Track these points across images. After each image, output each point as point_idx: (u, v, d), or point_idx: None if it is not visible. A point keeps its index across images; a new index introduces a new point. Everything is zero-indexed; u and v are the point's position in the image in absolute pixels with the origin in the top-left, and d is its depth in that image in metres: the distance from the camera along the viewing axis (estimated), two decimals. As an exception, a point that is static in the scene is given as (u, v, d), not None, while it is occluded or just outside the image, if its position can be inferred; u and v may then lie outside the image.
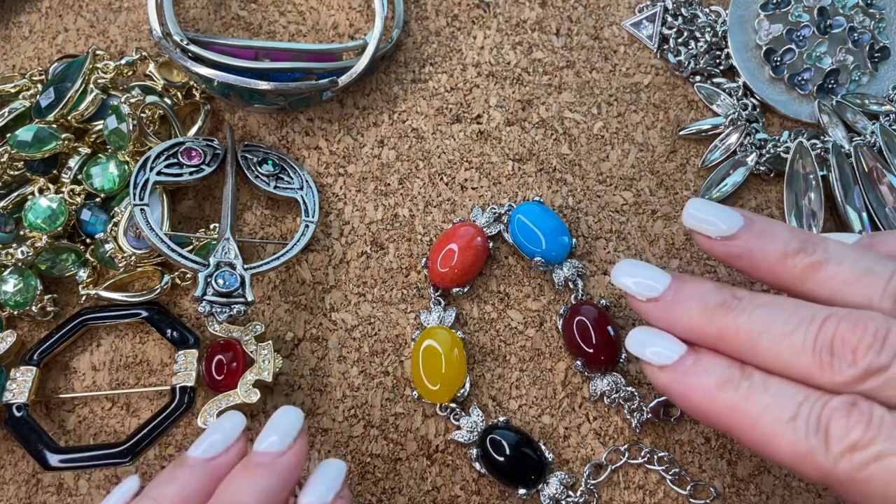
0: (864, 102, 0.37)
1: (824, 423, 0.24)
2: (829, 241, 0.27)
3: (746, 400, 0.25)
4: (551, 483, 0.31)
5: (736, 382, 0.26)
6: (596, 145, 0.37)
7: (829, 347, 0.25)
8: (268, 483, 0.26)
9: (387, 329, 0.34)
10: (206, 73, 0.34)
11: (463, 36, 0.39)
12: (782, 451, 0.24)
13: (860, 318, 0.25)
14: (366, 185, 0.37)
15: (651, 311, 0.28)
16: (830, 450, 0.23)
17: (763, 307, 0.26)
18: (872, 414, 0.23)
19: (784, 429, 0.24)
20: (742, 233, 0.28)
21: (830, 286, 0.26)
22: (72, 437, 0.33)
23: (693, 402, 0.26)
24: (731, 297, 0.27)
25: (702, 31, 0.39)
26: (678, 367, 0.27)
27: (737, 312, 0.26)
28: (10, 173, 0.35)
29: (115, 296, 0.34)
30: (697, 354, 0.27)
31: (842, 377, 0.24)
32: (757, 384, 0.25)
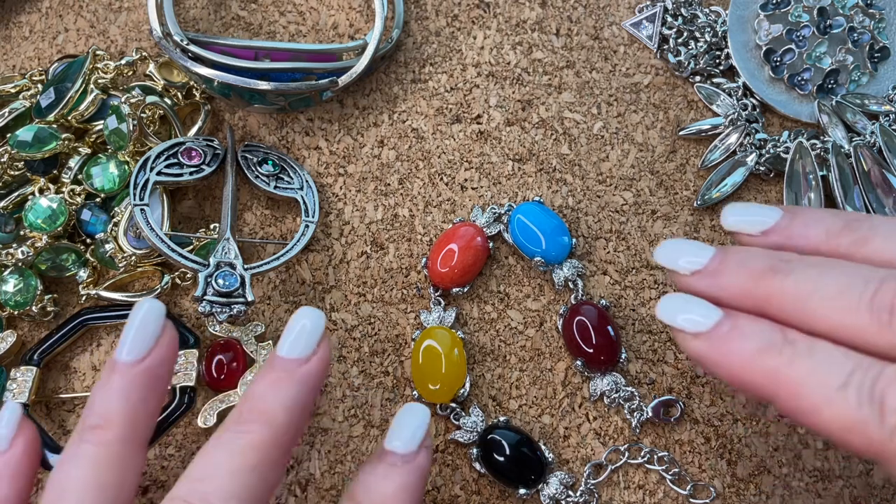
0: (863, 102, 0.37)
1: (879, 393, 0.22)
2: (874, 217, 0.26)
3: (790, 366, 0.23)
4: (551, 483, 0.31)
5: (778, 347, 0.24)
6: (596, 145, 0.37)
7: (890, 307, 0.23)
8: (295, 392, 0.25)
9: (387, 329, 0.34)
10: (206, 73, 0.34)
11: (463, 36, 0.39)
12: (828, 422, 0.23)
13: None
14: (366, 185, 0.37)
15: (695, 282, 0.27)
16: (886, 421, 0.22)
17: (814, 267, 0.25)
18: None
19: (832, 397, 0.22)
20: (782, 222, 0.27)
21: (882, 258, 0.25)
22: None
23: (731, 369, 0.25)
24: (779, 260, 0.25)
25: (702, 31, 0.39)
26: (714, 334, 0.25)
27: (784, 274, 0.25)
28: (10, 173, 0.35)
29: (116, 296, 0.34)
30: (735, 319, 0.25)
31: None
32: (801, 349, 0.24)
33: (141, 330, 0.26)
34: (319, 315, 0.26)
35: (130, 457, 0.25)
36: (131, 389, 0.25)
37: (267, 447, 0.24)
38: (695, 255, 0.27)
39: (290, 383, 0.25)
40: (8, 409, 0.27)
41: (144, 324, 0.26)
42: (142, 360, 0.25)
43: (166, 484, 0.32)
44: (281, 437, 0.25)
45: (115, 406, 0.25)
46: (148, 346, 0.25)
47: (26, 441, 0.27)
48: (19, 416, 0.27)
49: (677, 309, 0.26)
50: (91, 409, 0.25)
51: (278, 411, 0.25)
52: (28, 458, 0.26)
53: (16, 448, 0.26)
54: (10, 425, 0.27)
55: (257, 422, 0.25)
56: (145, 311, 0.26)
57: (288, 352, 0.26)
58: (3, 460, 0.26)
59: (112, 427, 0.25)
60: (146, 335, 0.26)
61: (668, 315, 0.26)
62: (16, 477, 0.26)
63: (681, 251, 0.27)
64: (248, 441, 0.24)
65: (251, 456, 0.24)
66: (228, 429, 0.25)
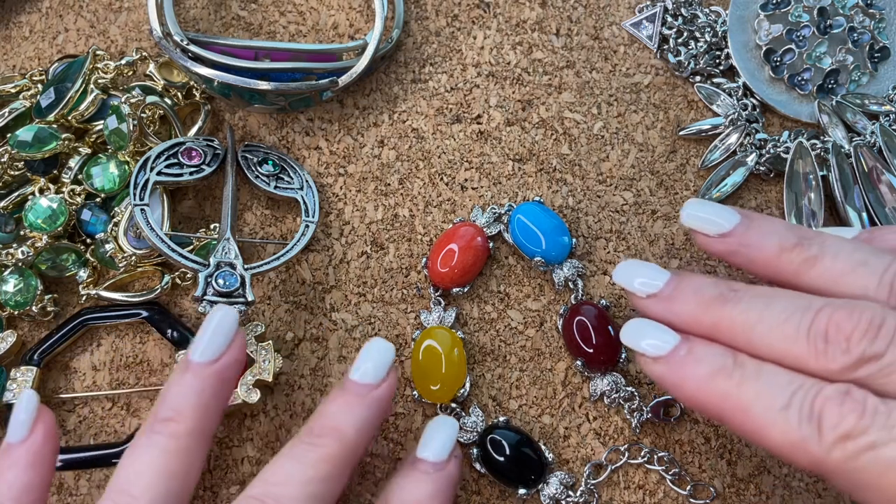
0: (863, 102, 0.37)
1: (817, 412, 0.24)
2: (825, 236, 0.28)
3: (739, 388, 0.25)
4: (551, 483, 0.31)
5: (729, 371, 0.26)
6: (596, 145, 0.37)
7: (824, 335, 0.25)
8: (365, 414, 0.27)
9: (387, 329, 0.34)
10: (206, 73, 0.34)
11: (463, 36, 0.39)
12: (775, 440, 0.24)
13: (855, 307, 0.25)
14: (366, 185, 0.37)
15: (650, 305, 0.28)
16: (823, 438, 0.23)
17: (759, 297, 0.27)
18: (866, 403, 0.23)
19: (776, 417, 0.24)
20: (739, 229, 0.28)
21: (827, 278, 0.27)
22: (72, 437, 0.33)
23: (686, 391, 0.27)
24: (728, 289, 0.27)
25: (702, 31, 0.39)
26: (672, 358, 0.27)
27: (733, 303, 0.27)
28: (10, 173, 0.35)
29: (116, 296, 0.34)
30: (691, 344, 0.27)
31: (836, 364, 0.24)
32: (750, 372, 0.25)
33: (216, 334, 0.28)
34: (390, 347, 0.29)
35: (197, 450, 0.27)
36: (203, 388, 0.27)
37: (336, 461, 0.27)
38: (651, 278, 0.29)
39: (361, 406, 0.28)
40: (25, 396, 0.28)
41: (220, 328, 0.28)
42: (214, 361, 0.27)
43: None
44: (349, 454, 0.27)
45: (187, 401, 0.27)
46: (221, 349, 0.27)
47: (46, 427, 0.27)
48: (37, 402, 0.28)
49: (639, 333, 0.28)
50: (164, 403, 0.27)
51: (349, 430, 0.27)
52: (48, 444, 0.27)
53: (36, 434, 0.27)
54: (29, 412, 0.27)
55: (329, 437, 0.27)
56: (221, 316, 0.28)
57: (361, 377, 0.28)
58: (25, 447, 0.27)
59: (183, 420, 0.26)
60: (220, 339, 0.28)
61: (631, 339, 0.28)
62: (37, 463, 0.27)
63: (637, 273, 0.29)
64: (321, 454, 0.26)
65: (322, 468, 0.26)
66: (302, 441, 0.27)
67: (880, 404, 0.23)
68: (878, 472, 0.23)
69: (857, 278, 0.26)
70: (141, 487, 0.25)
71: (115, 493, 0.25)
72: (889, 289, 0.26)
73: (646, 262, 0.29)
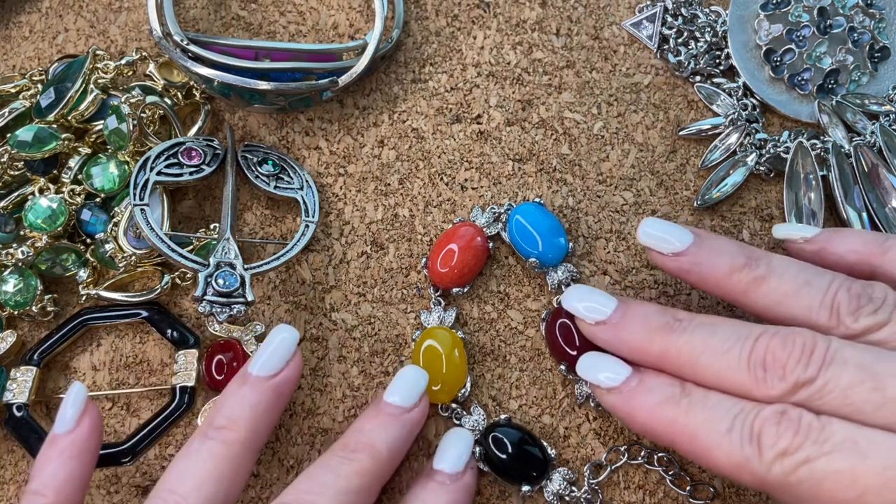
0: (864, 102, 0.37)
1: (756, 432, 0.25)
2: (773, 256, 0.29)
3: (686, 415, 0.27)
4: (554, 480, 0.31)
5: (676, 399, 0.27)
6: (596, 145, 0.37)
7: (762, 363, 0.26)
8: (398, 434, 0.29)
9: (387, 329, 0.34)
10: (206, 73, 0.34)
11: (463, 36, 0.39)
12: (720, 462, 0.26)
13: (789, 335, 0.26)
14: (366, 185, 0.37)
15: (599, 333, 0.30)
16: (763, 457, 0.25)
17: (702, 327, 0.28)
18: (801, 421, 0.25)
19: (721, 440, 0.26)
20: (691, 249, 0.30)
21: (772, 299, 0.28)
22: (72, 437, 0.33)
23: (637, 420, 0.28)
24: (673, 318, 0.29)
25: (702, 31, 0.39)
26: (624, 388, 0.29)
27: (678, 333, 0.28)
28: (10, 173, 0.35)
29: (115, 296, 0.34)
30: (641, 375, 0.29)
31: (775, 391, 0.26)
32: (696, 400, 0.27)
33: (277, 351, 0.29)
34: (424, 374, 0.30)
35: (246, 460, 0.27)
36: (259, 400, 0.28)
37: (368, 476, 0.28)
38: (599, 304, 0.30)
39: (395, 426, 0.29)
40: (74, 389, 0.28)
41: (281, 346, 0.29)
42: (272, 376, 0.28)
43: (166, 484, 0.32)
44: (380, 471, 0.28)
45: (242, 412, 0.28)
46: (280, 365, 0.29)
47: (92, 422, 0.28)
48: (85, 396, 0.28)
49: (594, 367, 0.30)
50: (220, 412, 0.28)
51: (382, 447, 0.28)
52: (93, 437, 0.28)
53: (82, 427, 0.28)
54: (77, 405, 0.28)
55: (364, 452, 0.28)
56: (284, 336, 0.29)
57: (397, 400, 0.29)
58: (70, 439, 0.28)
59: (237, 430, 0.27)
60: (280, 356, 0.29)
61: (587, 372, 0.30)
62: (80, 456, 0.27)
63: (586, 299, 0.30)
64: (355, 468, 0.27)
65: (355, 481, 0.27)
66: (337, 454, 0.28)
67: (814, 420, 0.25)
68: (813, 484, 0.24)
69: (801, 299, 0.28)
70: (189, 488, 0.26)
71: (165, 491, 0.26)
72: (829, 309, 0.27)
73: (594, 288, 0.31)
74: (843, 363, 0.25)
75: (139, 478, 0.32)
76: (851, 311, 0.27)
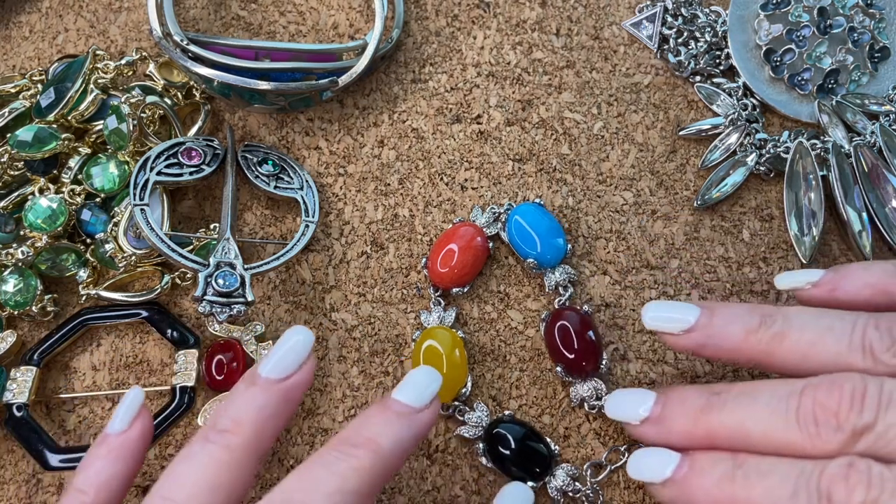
0: (864, 102, 0.37)
1: (825, 491, 0.24)
2: (787, 309, 0.28)
3: (744, 488, 0.25)
4: (558, 475, 0.31)
5: (730, 474, 0.26)
6: (596, 145, 0.37)
7: (813, 418, 0.25)
8: (405, 433, 0.26)
9: (387, 329, 0.34)
10: (206, 73, 0.34)
11: (463, 36, 0.39)
12: None
13: (834, 381, 0.25)
14: (366, 185, 0.37)
15: (646, 432, 0.29)
16: None
17: (742, 396, 0.27)
18: (871, 472, 0.23)
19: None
20: (701, 321, 0.29)
21: (797, 351, 0.27)
22: (72, 437, 0.33)
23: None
24: (711, 394, 0.28)
25: (702, 31, 0.39)
26: (677, 477, 0.27)
27: (718, 409, 0.27)
28: (10, 173, 0.35)
29: (115, 296, 0.34)
30: (691, 459, 0.27)
31: (832, 445, 0.24)
32: (750, 470, 0.26)
33: (290, 353, 0.27)
34: (439, 376, 0.28)
35: (248, 466, 0.26)
36: (267, 404, 0.26)
37: (368, 475, 0.25)
38: (639, 404, 0.29)
39: (401, 424, 0.27)
40: (132, 393, 0.28)
41: (295, 348, 0.27)
42: (283, 379, 0.27)
43: (166, 484, 0.32)
44: (382, 470, 0.26)
45: (247, 415, 0.26)
46: (292, 368, 0.27)
47: (143, 425, 0.28)
48: (142, 400, 0.28)
49: (643, 465, 0.28)
50: (224, 413, 0.26)
51: (386, 443, 0.26)
52: (143, 441, 0.28)
53: (134, 429, 0.27)
54: (133, 408, 0.28)
55: (365, 448, 0.25)
56: (298, 337, 0.27)
57: (407, 399, 0.27)
58: (122, 439, 0.27)
59: (240, 433, 0.26)
60: (293, 359, 0.27)
61: (637, 472, 0.29)
62: (128, 457, 0.27)
63: (627, 401, 0.30)
64: (353, 465, 0.25)
65: (352, 480, 0.25)
66: (334, 448, 0.26)
67: (886, 470, 0.23)
68: None
69: (828, 345, 0.26)
70: (185, 496, 0.25)
71: (160, 498, 0.25)
72: (861, 349, 0.26)
73: (629, 389, 0.30)
74: None
75: (139, 478, 0.32)
76: (886, 346, 0.26)
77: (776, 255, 0.36)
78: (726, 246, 0.36)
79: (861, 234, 0.35)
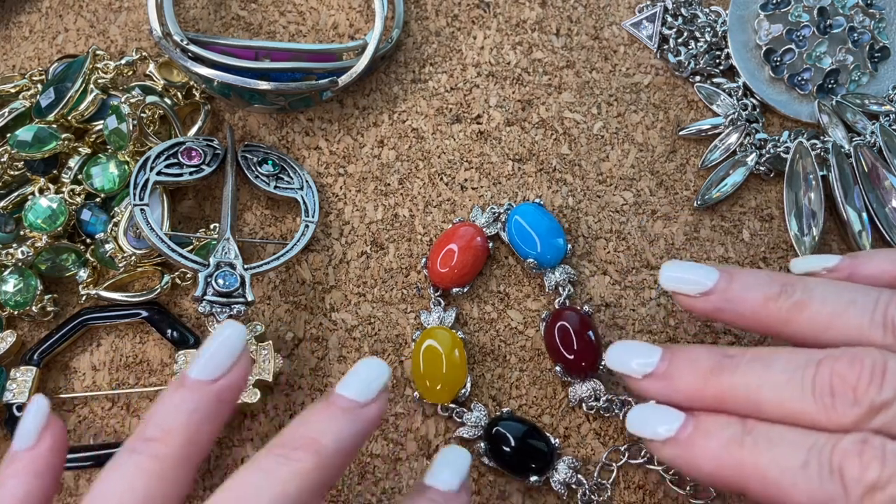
0: (864, 102, 0.37)
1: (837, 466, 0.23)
2: (808, 280, 0.27)
3: (752, 454, 0.24)
4: (560, 469, 0.31)
5: (739, 438, 0.25)
6: (596, 145, 0.37)
7: (829, 389, 0.24)
8: (349, 430, 0.25)
9: (387, 329, 0.34)
10: (206, 73, 0.34)
11: (463, 36, 0.39)
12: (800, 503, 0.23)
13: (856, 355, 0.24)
14: (366, 185, 0.37)
15: (650, 387, 0.28)
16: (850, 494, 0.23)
17: (756, 361, 0.26)
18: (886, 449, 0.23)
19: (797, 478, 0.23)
20: (720, 285, 0.28)
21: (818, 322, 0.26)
22: (72, 437, 0.33)
23: (703, 469, 0.26)
24: (723, 356, 0.27)
25: (702, 31, 0.39)
26: (681, 437, 0.26)
27: (730, 372, 0.26)
28: (10, 173, 0.35)
29: (115, 296, 0.34)
30: (697, 419, 0.26)
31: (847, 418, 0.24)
32: (761, 436, 0.25)
33: (220, 351, 0.25)
34: (386, 368, 0.26)
35: (181, 476, 0.24)
36: (196, 407, 0.24)
37: (310, 479, 0.23)
38: (643, 356, 0.28)
39: (346, 420, 0.25)
40: (35, 403, 0.26)
41: (225, 346, 0.25)
42: (214, 380, 0.25)
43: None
44: (326, 472, 0.24)
45: (177, 420, 0.24)
46: (224, 368, 0.25)
47: (54, 437, 0.26)
48: (47, 410, 0.26)
49: (645, 421, 0.27)
50: (152, 420, 0.24)
51: (329, 443, 0.24)
52: (55, 454, 0.26)
53: (43, 443, 0.25)
54: (38, 420, 0.26)
55: (306, 450, 0.24)
56: (228, 334, 0.25)
57: (352, 393, 0.25)
58: (30, 456, 0.25)
59: (169, 442, 0.24)
60: (224, 357, 0.25)
61: (638, 427, 0.28)
62: (42, 473, 0.25)
63: (631, 353, 0.28)
64: (294, 469, 0.23)
65: (293, 485, 0.23)
66: (272, 452, 0.24)
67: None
68: None
69: (849, 319, 0.26)
70: None
71: None
72: (883, 326, 0.25)
73: (633, 341, 0.29)
74: None
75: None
76: None
77: (776, 255, 0.36)
78: (726, 246, 0.36)
79: (861, 234, 0.35)
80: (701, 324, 0.34)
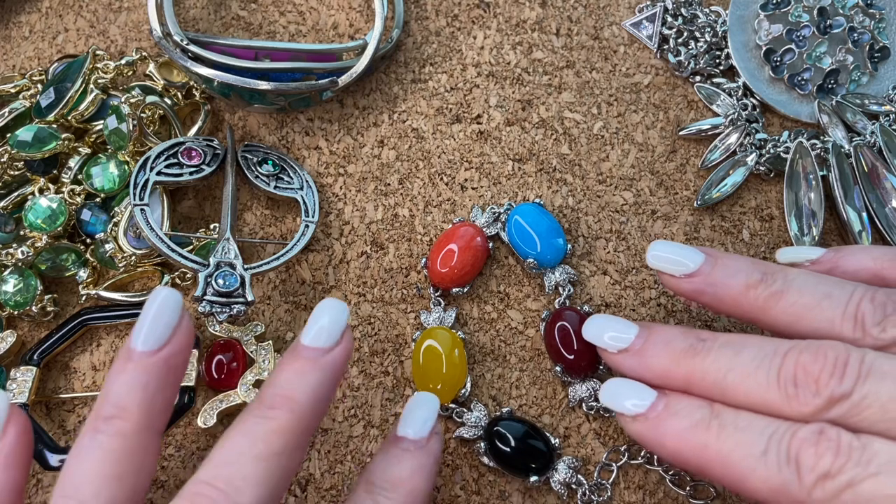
0: (863, 102, 0.37)
1: (794, 454, 0.24)
2: (788, 270, 0.28)
3: (717, 439, 0.26)
4: (560, 469, 0.31)
5: (706, 422, 0.26)
6: (596, 145, 0.37)
7: (793, 379, 0.25)
8: (319, 380, 0.25)
9: (387, 329, 0.34)
10: (206, 73, 0.34)
11: (463, 36, 0.39)
12: (757, 487, 0.25)
13: (819, 348, 0.25)
14: (366, 185, 0.37)
15: (623, 361, 0.29)
16: (803, 481, 0.24)
17: (727, 346, 0.27)
18: (840, 441, 0.24)
19: (756, 464, 0.25)
20: (704, 268, 0.29)
21: (792, 313, 0.27)
22: (72, 437, 0.33)
23: (667, 448, 0.27)
24: (697, 340, 0.28)
25: (702, 31, 0.39)
26: (650, 414, 0.27)
27: (703, 355, 0.27)
28: (10, 173, 0.35)
29: (115, 296, 0.34)
30: (668, 399, 0.27)
31: (808, 408, 0.25)
32: (727, 421, 0.26)
33: (158, 319, 0.25)
34: (343, 307, 0.27)
35: (147, 447, 0.25)
36: (149, 379, 0.25)
37: (290, 433, 0.25)
38: (620, 331, 0.29)
39: (315, 371, 0.26)
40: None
41: (161, 313, 0.25)
42: (159, 349, 0.25)
43: (166, 484, 0.32)
44: (303, 424, 0.25)
45: (132, 396, 0.24)
46: (165, 335, 0.25)
47: (18, 428, 0.26)
48: (8, 404, 0.26)
49: (617, 394, 0.28)
50: (106, 399, 0.24)
51: (302, 397, 0.25)
52: (21, 446, 0.26)
53: (8, 436, 0.25)
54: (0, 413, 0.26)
55: (281, 408, 0.25)
56: (162, 300, 0.25)
57: (313, 341, 0.26)
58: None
59: (129, 417, 0.24)
60: (163, 324, 0.25)
61: (611, 400, 0.29)
62: (10, 465, 0.25)
63: (606, 328, 0.29)
64: (272, 427, 0.24)
65: (276, 442, 0.24)
66: (252, 414, 0.25)
67: (854, 440, 0.24)
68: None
69: (823, 311, 0.27)
70: (89, 494, 0.23)
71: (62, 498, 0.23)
72: (853, 320, 0.26)
73: (613, 316, 0.30)
74: (881, 376, 0.24)
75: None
76: (877, 321, 0.26)
77: (776, 255, 0.36)
78: (726, 246, 0.36)
79: (861, 234, 0.35)
80: (700, 324, 0.34)
